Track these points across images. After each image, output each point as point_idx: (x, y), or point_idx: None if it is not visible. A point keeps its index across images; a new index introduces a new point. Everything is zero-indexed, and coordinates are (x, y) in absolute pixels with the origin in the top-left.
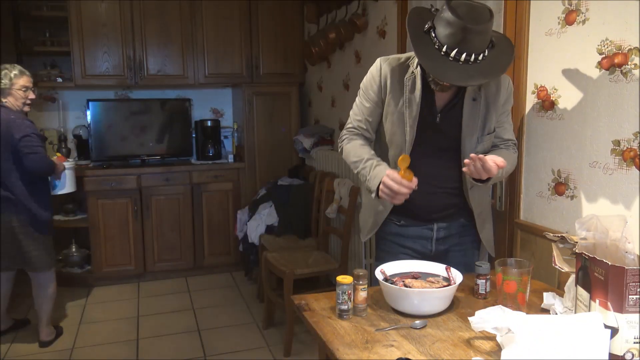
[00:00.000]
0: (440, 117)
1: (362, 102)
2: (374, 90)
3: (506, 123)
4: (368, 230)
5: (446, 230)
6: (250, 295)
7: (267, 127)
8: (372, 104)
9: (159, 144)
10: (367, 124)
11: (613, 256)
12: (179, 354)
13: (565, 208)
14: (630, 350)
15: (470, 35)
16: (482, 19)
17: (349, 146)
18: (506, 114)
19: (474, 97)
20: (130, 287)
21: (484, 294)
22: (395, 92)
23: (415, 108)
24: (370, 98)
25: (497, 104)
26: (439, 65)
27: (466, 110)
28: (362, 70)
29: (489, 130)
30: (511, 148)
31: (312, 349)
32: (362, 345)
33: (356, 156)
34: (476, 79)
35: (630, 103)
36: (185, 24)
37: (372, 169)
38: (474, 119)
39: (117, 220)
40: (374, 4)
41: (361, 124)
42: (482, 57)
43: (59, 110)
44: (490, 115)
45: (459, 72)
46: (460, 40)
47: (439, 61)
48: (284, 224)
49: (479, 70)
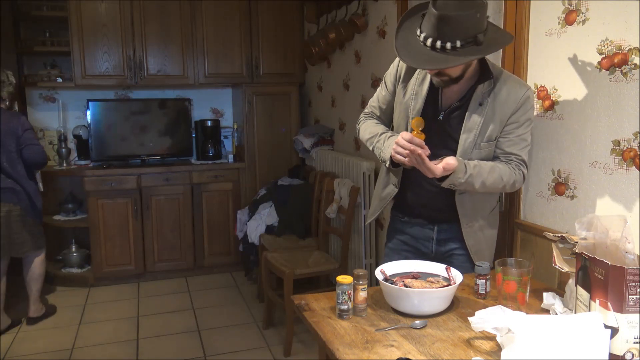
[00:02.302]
0: (443, 115)
1: (380, 89)
2: (390, 80)
3: (512, 135)
4: (371, 213)
5: (447, 233)
6: (250, 295)
7: (267, 127)
8: (387, 92)
9: (159, 144)
10: (381, 111)
11: (613, 256)
12: (179, 354)
13: (565, 208)
14: (630, 350)
15: (446, 24)
16: (461, 8)
17: (363, 126)
18: (515, 126)
19: (481, 102)
20: (130, 287)
21: (484, 294)
22: (405, 84)
23: (420, 101)
24: (387, 86)
25: (505, 112)
26: (408, 50)
27: (470, 112)
28: (362, 70)
29: (491, 138)
30: (512, 163)
31: (312, 349)
32: (362, 345)
33: (371, 133)
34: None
35: (630, 103)
36: (185, 24)
37: (387, 140)
38: (475, 122)
39: (117, 220)
40: (374, 4)
41: (375, 109)
42: (461, 45)
43: (59, 110)
44: (495, 122)
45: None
46: (431, 27)
47: (411, 46)
48: (284, 224)
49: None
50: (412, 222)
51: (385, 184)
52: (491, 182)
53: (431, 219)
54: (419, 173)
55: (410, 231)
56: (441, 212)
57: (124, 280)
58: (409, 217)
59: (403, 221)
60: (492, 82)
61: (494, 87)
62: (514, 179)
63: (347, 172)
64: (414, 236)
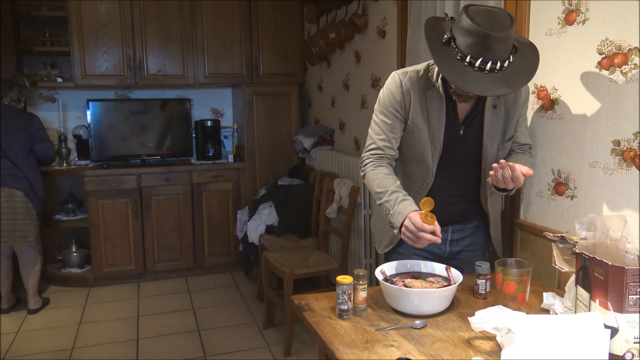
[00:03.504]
0: (463, 129)
1: (382, 119)
2: (394, 107)
3: (522, 127)
4: (385, 245)
5: (460, 233)
6: (250, 295)
7: (267, 127)
8: (393, 120)
9: (159, 144)
10: (390, 142)
11: (613, 256)
12: (179, 354)
13: (565, 208)
14: (630, 350)
15: (493, 43)
16: (504, 25)
17: (372, 174)
18: (523, 118)
19: (495, 105)
20: (130, 287)
21: (484, 294)
22: (418, 108)
23: (442, 123)
24: (391, 114)
25: (517, 108)
26: (463, 77)
27: (487, 118)
28: (362, 70)
29: (510, 136)
30: (527, 152)
31: (312, 349)
32: (362, 345)
33: (380, 187)
34: (504, 88)
35: (630, 103)
36: (185, 24)
37: (397, 204)
38: (495, 126)
39: (117, 220)
40: (374, 4)
41: (385, 142)
42: (508, 64)
43: (59, 110)
44: (511, 121)
45: (485, 82)
46: (483, 49)
47: (463, 72)
48: (284, 224)
49: (505, 78)
50: None
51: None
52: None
53: (446, 222)
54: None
55: None
56: (459, 216)
57: (123, 280)
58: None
59: None
60: None
61: None
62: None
63: (347, 172)
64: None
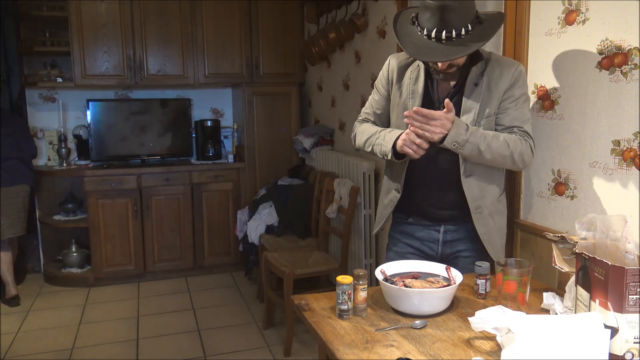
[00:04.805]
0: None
1: (372, 96)
2: (382, 84)
3: (510, 109)
4: (377, 222)
5: (453, 234)
6: (250, 295)
7: (267, 127)
8: (380, 97)
9: (159, 144)
10: (375, 116)
11: (613, 256)
12: (179, 354)
13: (565, 208)
14: (630, 350)
15: (447, 14)
16: None
17: (360, 129)
18: (511, 100)
19: (476, 82)
20: (130, 287)
21: (484, 294)
22: (400, 85)
23: (418, 99)
24: (379, 91)
25: (500, 88)
26: (420, 48)
27: (467, 94)
28: (362, 70)
29: (488, 114)
30: (516, 134)
31: (312, 349)
32: (362, 345)
33: (369, 133)
34: (458, 53)
35: (630, 103)
36: (185, 24)
37: (387, 134)
38: (473, 102)
39: (117, 220)
40: (374, 4)
41: (369, 116)
42: (465, 32)
43: (59, 110)
44: (492, 100)
45: (442, 50)
46: (438, 20)
47: (421, 45)
48: (284, 224)
49: (463, 45)
50: (417, 224)
51: (387, 190)
52: (496, 147)
53: (438, 218)
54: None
55: (415, 233)
56: (448, 209)
57: (123, 280)
58: (414, 217)
59: (408, 223)
60: (484, 63)
61: (486, 68)
62: (520, 148)
63: (347, 172)
64: (419, 238)
